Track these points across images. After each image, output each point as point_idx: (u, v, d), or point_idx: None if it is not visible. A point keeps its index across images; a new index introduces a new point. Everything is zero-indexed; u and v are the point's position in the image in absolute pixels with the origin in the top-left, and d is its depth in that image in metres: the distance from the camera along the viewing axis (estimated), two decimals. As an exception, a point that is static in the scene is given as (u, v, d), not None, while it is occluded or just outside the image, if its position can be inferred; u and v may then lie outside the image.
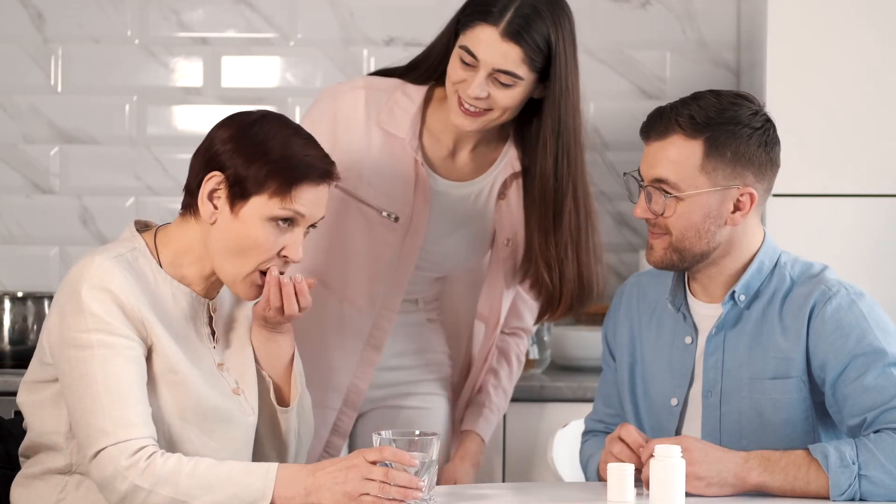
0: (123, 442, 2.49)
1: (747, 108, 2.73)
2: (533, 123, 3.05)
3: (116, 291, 2.54)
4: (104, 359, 2.52)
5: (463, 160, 3.11)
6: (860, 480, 2.57)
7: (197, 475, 2.49)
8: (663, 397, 2.83)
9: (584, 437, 3.02)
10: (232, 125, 2.64)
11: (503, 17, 2.91)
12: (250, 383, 2.72)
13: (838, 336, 2.68)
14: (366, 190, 3.08)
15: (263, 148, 2.60)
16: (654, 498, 2.48)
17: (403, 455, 2.47)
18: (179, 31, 4.29)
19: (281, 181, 2.58)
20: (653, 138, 2.74)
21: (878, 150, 3.79)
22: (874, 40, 3.79)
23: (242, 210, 2.60)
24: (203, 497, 2.47)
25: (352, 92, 3.08)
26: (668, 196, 2.71)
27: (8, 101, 4.27)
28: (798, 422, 2.73)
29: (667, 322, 2.86)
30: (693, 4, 4.29)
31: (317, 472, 2.50)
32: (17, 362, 3.82)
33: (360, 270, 3.10)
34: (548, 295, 3.12)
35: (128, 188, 4.28)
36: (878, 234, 3.79)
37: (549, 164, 3.03)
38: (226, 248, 2.61)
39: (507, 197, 3.11)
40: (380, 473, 2.46)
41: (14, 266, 4.26)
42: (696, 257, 2.74)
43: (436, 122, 3.08)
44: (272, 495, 2.48)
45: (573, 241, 3.07)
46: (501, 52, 2.91)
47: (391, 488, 2.46)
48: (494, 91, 2.94)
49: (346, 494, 2.47)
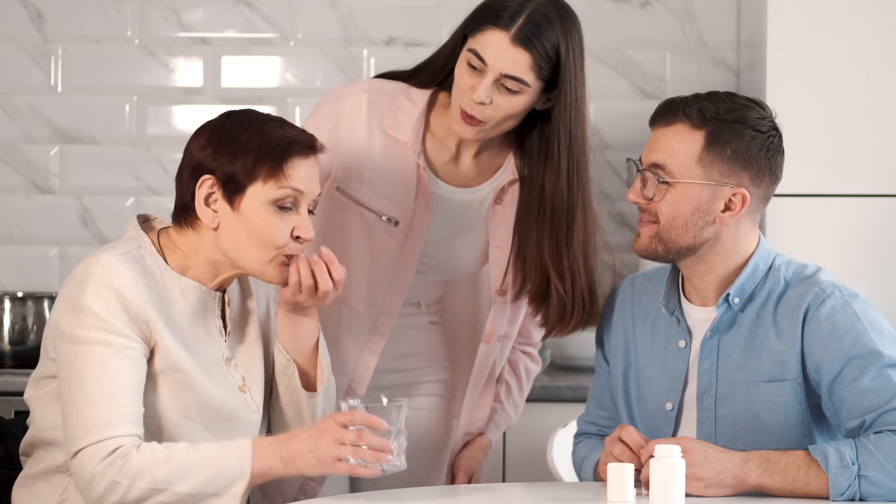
0: (102, 441, 2.49)
1: (757, 112, 2.74)
2: (535, 133, 3.04)
3: (122, 290, 2.55)
4: (101, 357, 2.52)
5: (466, 165, 3.10)
6: (860, 481, 2.57)
7: (173, 462, 2.49)
8: (658, 402, 2.83)
9: (577, 439, 3.02)
10: (204, 131, 2.67)
11: (514, 22, 2.90)
12: (257, 380, 2.73)
13: (833, 339, 2.68)
14: (366, 193, 3.08)
15: (242, 140, 2.62)
16: (654, 498, 2.48)
17: (374, 418, 2.49)
18: (179, 31, 4.29)
19: (270, 162, 2.60)
20: (659, 125, 2.75)
21: (877, 150, 3.79)
22: (874, 40, 3.79)
23: (242, 204, 2.61)
24: (182, 483, 2.48)
25: (355, 95, 3.08)
26: (661, 181, 2.72)
27: (8, 101, 4.27)
28: (794, 424, 2.73)
29: (660, 326, 2.86)
30: (693, 4, 4.29)
31: (289, 442, 2.52)
32: (17, 362, 3.82)
33: (360, 275, 3.09)
34: (559, 306, 3.08)
35: (128, 188, 4.28)
36: (876, 235, 3.79)
37: (562, 176, 3.01)
38: (240, 245, 2.62)
39: (504, 202, 3.10)
40: (353, 436, 2.48)
41: (14, 266, 4.26)
42: (682, 250, 2.74)
43: (439, 126, 3.07)
44: (250, 472, 2.49)
45: (583, 252, 3.06)
46: (511, 57, 2.90)
47: (365, 451, 2.47)
48: (499, 98, 2.93)
49: (319, 460, 2.49)
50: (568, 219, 3.04)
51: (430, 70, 3.08)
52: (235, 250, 2.63)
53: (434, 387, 3.25)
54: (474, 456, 3.26)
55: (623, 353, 2.91)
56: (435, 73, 3.07)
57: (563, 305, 3.07)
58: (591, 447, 2.92)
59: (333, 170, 3.08)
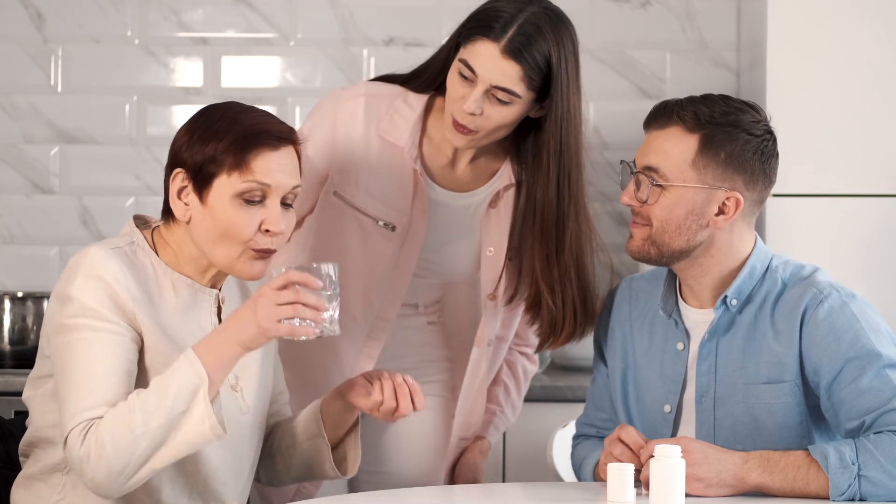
0: (78, 426, 2.48)
1: (751, 115, 2.73)
2: (529, 140, 3.02)
3: (109, 280, 2.54)
4: (87, 344, 2.52)
5: (462, 170, 3.09)
6: (860, 481, 2.57)
7: (135, 407, 2.46)
8: (656, 404, 2.83)
9: (576, 441, 3.02)
10: (186, 123, 2.64)
11: (505, 33, 2.87)
12: (252, 380, 2.72)
13: (831, 340, 2.68)
14: (363, 198, 3.06)
15: (213, 129, 2.59)
16: (654, 498, 2.47)
17: (308, 276, 2.48)
18: (179, 31, 4.29)
19: (234, 154, 2.57)
20: (653, 128, 2.75)
21: (877, 150, 3.79)
22: (874, 40, 3.79)
23: (209, 196, 2.58)
24: (153, 417, 2.46)
25: (352, 99, 3.06)
26: (655, 184, 2.71)
27: (8, 101, 4.27)
28: (792, 426, 2.73)
29: (658, 328, 2.85)
30: (693, 4, 4.29)
31: (226, 326, 2.51)
32: (17, 362, 3.82)
33: (357, 280, 3.08)
34: (550, 319, 3.06)
35: (128, 188, 4.28)
36: (876, 235, 3.78)
37: (551, 186, 2.99)
38: (208, 239, 2.60)
39: (498, 207, 3.08)
40: (289, 295, 2.46)
41: (14, 266, 4.26)
42: (675, 253, 2.74)
43: (436, 131, 3.05)
44: (204, 371, 2.47)
45: (575, 263, 3.04)
46: (501, 69, 2.88)
47: (303, 308, 2.46)
48: (489, 108, 2.91)
49: (260, 326, 2.47)
50: (558, 229, 3.01)
51: (425, 76, 3.06)
52: (206, 245, 2.61)
53: (433, 387, 3.24)
54: (475, 460, 3.25)
55: (621, 354, 2.90)
56: (430, 80, 3.05)
57: (554, 319, 3.06)
58: (591, 448, 2.92)
59: (331, 174, 3.07)
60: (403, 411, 2.66)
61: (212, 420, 2.46)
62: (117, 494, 2.50)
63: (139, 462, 2.46)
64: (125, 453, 2.45)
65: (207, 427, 2.47)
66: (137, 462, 2.46)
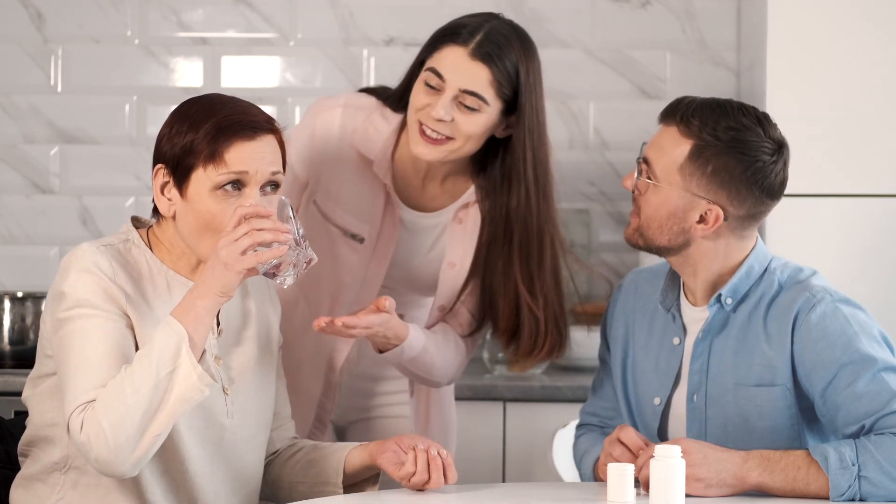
0: (77, 408, 2.48)
1: (755, 134, 2.70)
2: (497, 163, 3.01)
3: (100, 275, 2.55)
4: (82, 332, 2.52)
5: (433, 192, 3.08)
6: (860, 482, 2.57)
7: (121, 379, 2.46)
8: (648, 396, 2.84)
9: (579, 431, 3.02)
10: (168, 117, 2.65)
11: (473, 38, 2.90)
12: (247, 385, 2.71)
13: (824, 345, 2.67)
14: (332, 209, 3.06)
15: (189, 122, 2.59)
16: (654, 498, 2.48)
17: (259, 206, 2.51)
18: (179, 31, 4.29)
19: (208, 146, 2.56)
20: (663, 122, 2.75)
21: (877, 150, 3.79)
22: (874, 41, 3.79)
23: (188, 191, 2.58)
24: (142, 382, 2.45)
25: (330, 110, 3.06)
26: (647, 177, 2.73)
27: (8, 101, 4.27)
28: (783, 428, 2.73)
29: (658, 321, 2.86)
30: (693, 4, 4.29)
31: (198, 283, 2.52)
32: (17, 362, 3.82)
33: (324, 290, 3.08)
34: (533, 330, 3.04)
35: (128, 188, 4.28)
36: (876, 235, 3.78)
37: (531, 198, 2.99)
38: (192, 233, 2.60)
39: (464, 223, 3.06)
40: (244, 228, 2.47)
41: (14, 266, 4.26)
42: (659, 249, 2.76)
43: (408, 149, 3.02)
44: (183, 329, 2.47)
45: (553, 277, 3.04)
46: (470, 71, 2.89)
47: (261, 232, 2.47)
48: (459, 115, 2.90)
49: (227, 264, 2.48)
50: (539, 242, 3.01)
51: (394, 96, 3.05)
52: (190, 239, 2.61)
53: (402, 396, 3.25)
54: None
55: (622, 344, 2.91)
56: (395, 100, 3.04)
57: (537, 329, 3.04)
58: (592, 442, 2.92)
59: (311, 182, 3.08)
60: (435, 485, 2.62)
61: (198, 370, 2.46)
62: (130, 470, 2.49)
63: (139, 431, 2.45)
64: (122, 426, 2.44)
65: (195, 378, 2.46)
66: (137, 431, 2.45)
